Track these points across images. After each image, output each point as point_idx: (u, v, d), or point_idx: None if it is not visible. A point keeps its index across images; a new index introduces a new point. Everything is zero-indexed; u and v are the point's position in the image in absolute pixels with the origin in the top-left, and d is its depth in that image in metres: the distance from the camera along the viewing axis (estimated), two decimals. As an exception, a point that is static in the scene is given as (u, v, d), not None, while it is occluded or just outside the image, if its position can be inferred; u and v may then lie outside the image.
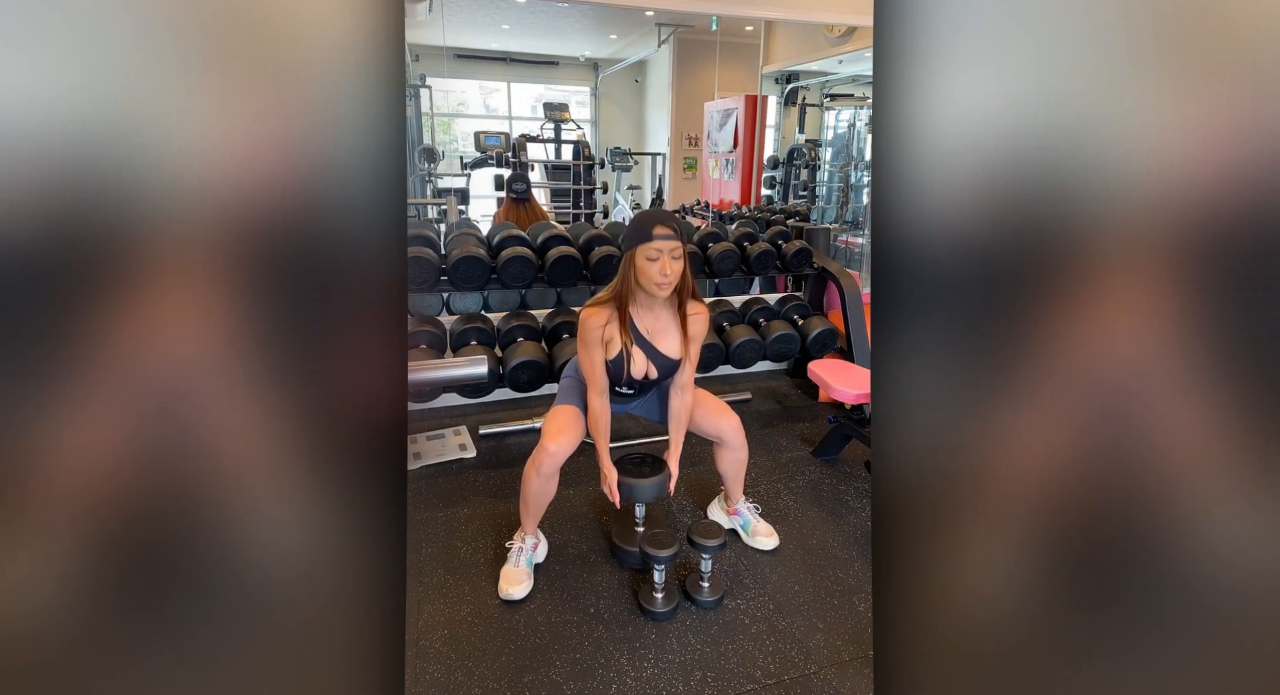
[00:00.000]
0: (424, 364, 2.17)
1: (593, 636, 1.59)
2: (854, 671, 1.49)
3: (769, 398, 3.11)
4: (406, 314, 1.80)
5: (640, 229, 1.59)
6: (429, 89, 5.98)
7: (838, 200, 5.35)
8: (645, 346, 1.71)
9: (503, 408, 2.89)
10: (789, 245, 3.14)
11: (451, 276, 2.55)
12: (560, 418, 1.75)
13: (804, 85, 5.72)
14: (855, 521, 2.09)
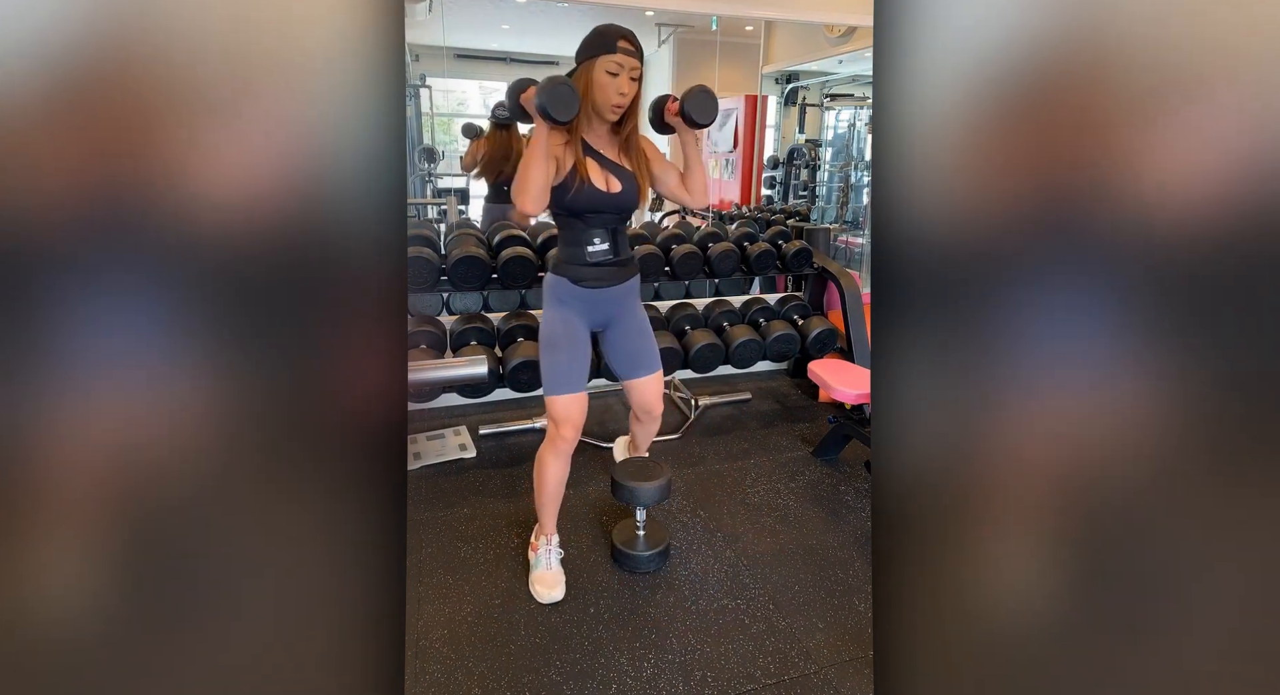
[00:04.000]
0: (424, 364, 2.17)
1: (593, 636, 1.59)
2: (854, 671, 1.49)
3: (769, 398, 3.11)
4: (406, 314, 1.79)
5: (602, 38, 1.46)
6: (429, 89, 5.98)
7: (838, 200, 5.36)
8: (600, 158, 1.57)
9: (503, 408, 2.89)
10: (789, 245, 3.13)
11: (451, 276, 2.55)
12: (567, 403, 1.65)
13: (804, 85, 5.72)
14: (855, 521, 2.09)
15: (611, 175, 1.58)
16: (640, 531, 1.88)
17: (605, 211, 1.60)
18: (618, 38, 1.47)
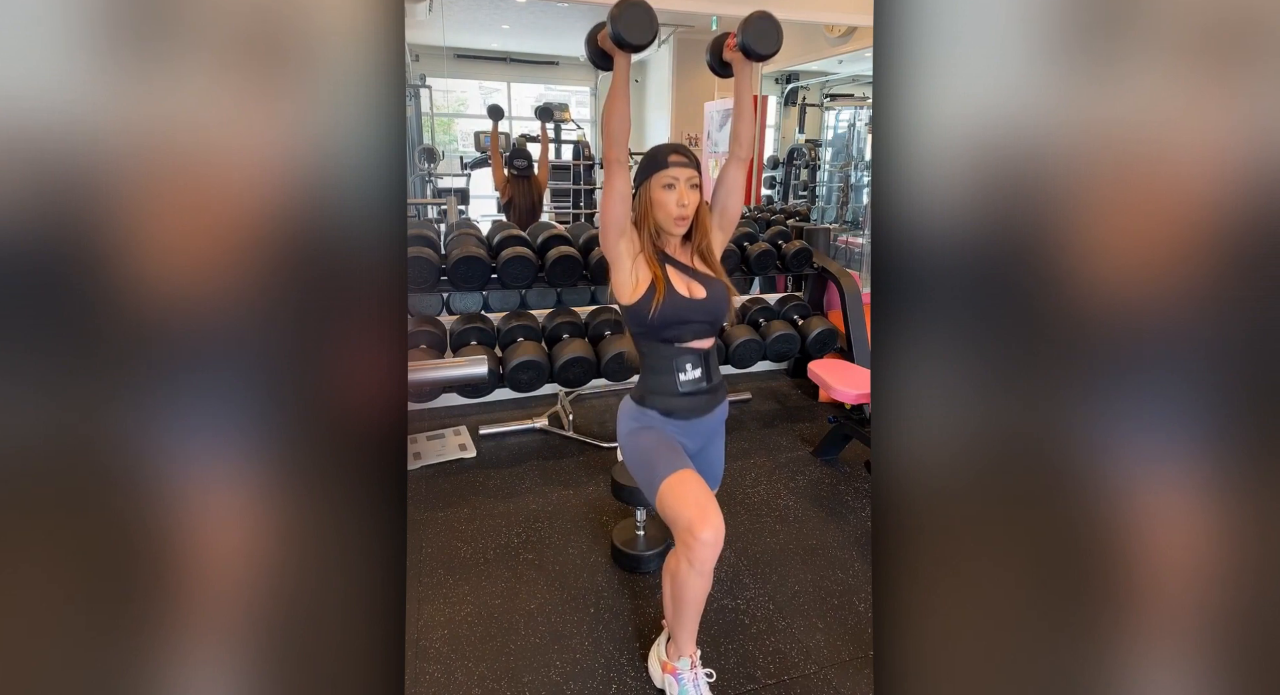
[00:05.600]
0: (424, 364, 2.17)
1: (593, 636, 1.59)
2: (854, 671, 1.49)
3: (769, 398, 3.11)
4: (406, 314, 1.79)
5: (652, 159, 1.41)
6: (429, 89, 5.98)
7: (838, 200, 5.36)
8: (679, 265, 1.44)
9: (503, 408, 2.89)
10: (789, 245, 3.14)
11: (451, 276, 2.56)
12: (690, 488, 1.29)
13: (804, 85, 5.72)
14: (855, 521, 2.09)
15: (694, 281, 1.42)
16: (640, 531, 1.88)
17: (694, 321, 1.41)
18: (668, 154, 1.39)
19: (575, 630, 1.61)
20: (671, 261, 1.43)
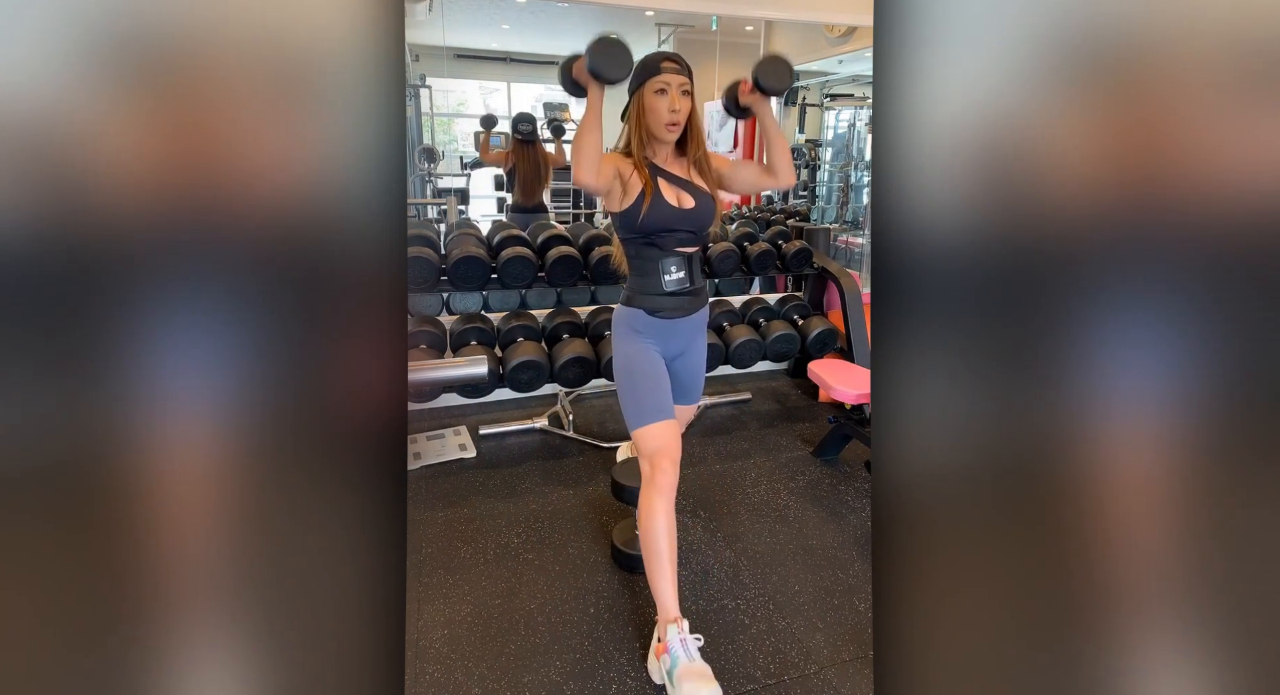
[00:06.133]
0: (424, 364, 2.17)
1: (593, 636, 1.59)
2: (854, 671, 1.49)
3: (769, 398, 3.11)
4: (406, 314, 1.78)
5: (645, 65, 1.46)
6: (429, 89, 5.98)
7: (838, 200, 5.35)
8: (670, 176, 1.52)
9: (503, 408, 2.89)
10: (789, 245, 3.14)
11: (451, 276, 2.55)
12: (660, 430, 1.51)
13: (804, 85, 5.72)
14: (855, 521, 2.09)
15: (683, 192, 1.52)
16: (640, 533, 1.87)
17: (679, 229, 1.53)
18: (660, 59, 1.46)
19: (575, 630, 1.60)
20: (663, 173, 1.52)
